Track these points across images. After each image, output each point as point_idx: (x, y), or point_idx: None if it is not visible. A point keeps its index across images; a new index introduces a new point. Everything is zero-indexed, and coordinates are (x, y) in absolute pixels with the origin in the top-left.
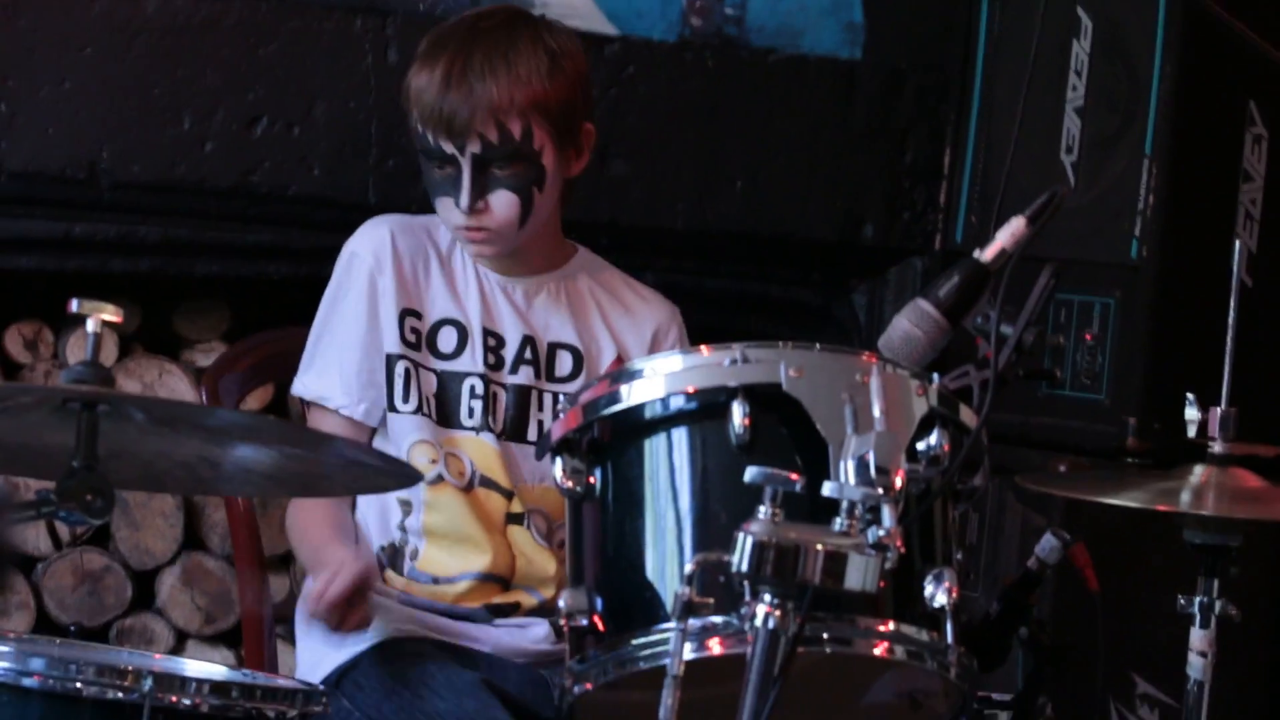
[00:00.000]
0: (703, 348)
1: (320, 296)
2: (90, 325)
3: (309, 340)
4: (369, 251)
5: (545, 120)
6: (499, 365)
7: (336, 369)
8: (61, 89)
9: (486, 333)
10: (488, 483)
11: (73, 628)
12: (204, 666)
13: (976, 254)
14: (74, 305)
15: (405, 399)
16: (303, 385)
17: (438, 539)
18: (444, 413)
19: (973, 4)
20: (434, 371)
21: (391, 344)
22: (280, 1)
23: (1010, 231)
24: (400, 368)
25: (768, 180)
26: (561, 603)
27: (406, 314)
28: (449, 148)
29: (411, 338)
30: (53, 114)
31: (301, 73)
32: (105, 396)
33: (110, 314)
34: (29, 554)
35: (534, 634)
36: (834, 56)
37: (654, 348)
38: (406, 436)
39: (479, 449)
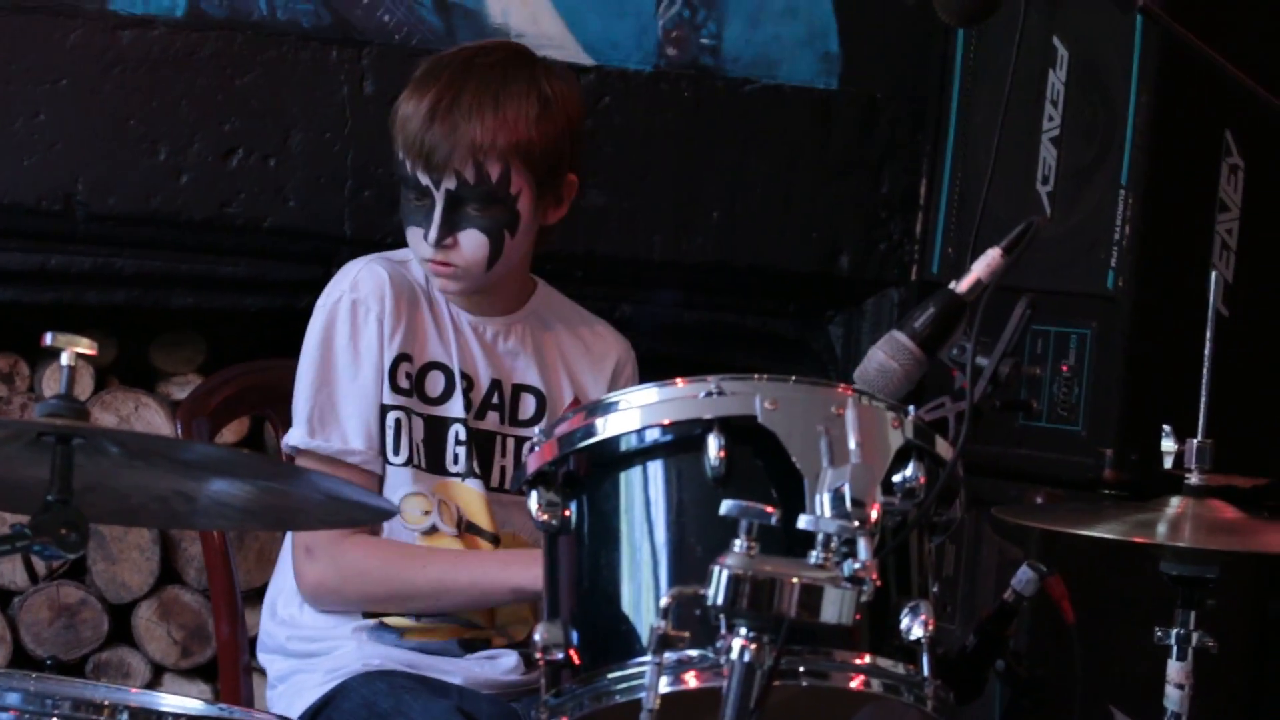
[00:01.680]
0: (678, 380)
1: (297, 329)
2: (65, 358)
3: (307, 390)
4: (375, 299)
5: (526, 166)
6: (469, 408)
7: (359, 424)
8: (36, 121)
9: (463, 376)
10: (474, 529)
11: (49, 661)
12: (180, 701)
13: (952, 285)
14: (48, 338)
15: (396, 450)
16: (318, 440)
17: None
18: (433, 459)
19: (949, 34)
20: (422, 417)
21: (385, 394)
22: (256, 33)
23: (986, 263)
24: (391, 419)
25: (744, 211)
26: (537, 636)
27: (401, 359)
28: (425, 180)
29: (404, 383)
30: (28, 146)
31: (277, 104)
32: (80, 430)
33: (85, 347)
34: (5, 588)
35: (504, 665)
36: (810, 86)
37: (613, 383)
38: (398, 489)
39: (466, 495)
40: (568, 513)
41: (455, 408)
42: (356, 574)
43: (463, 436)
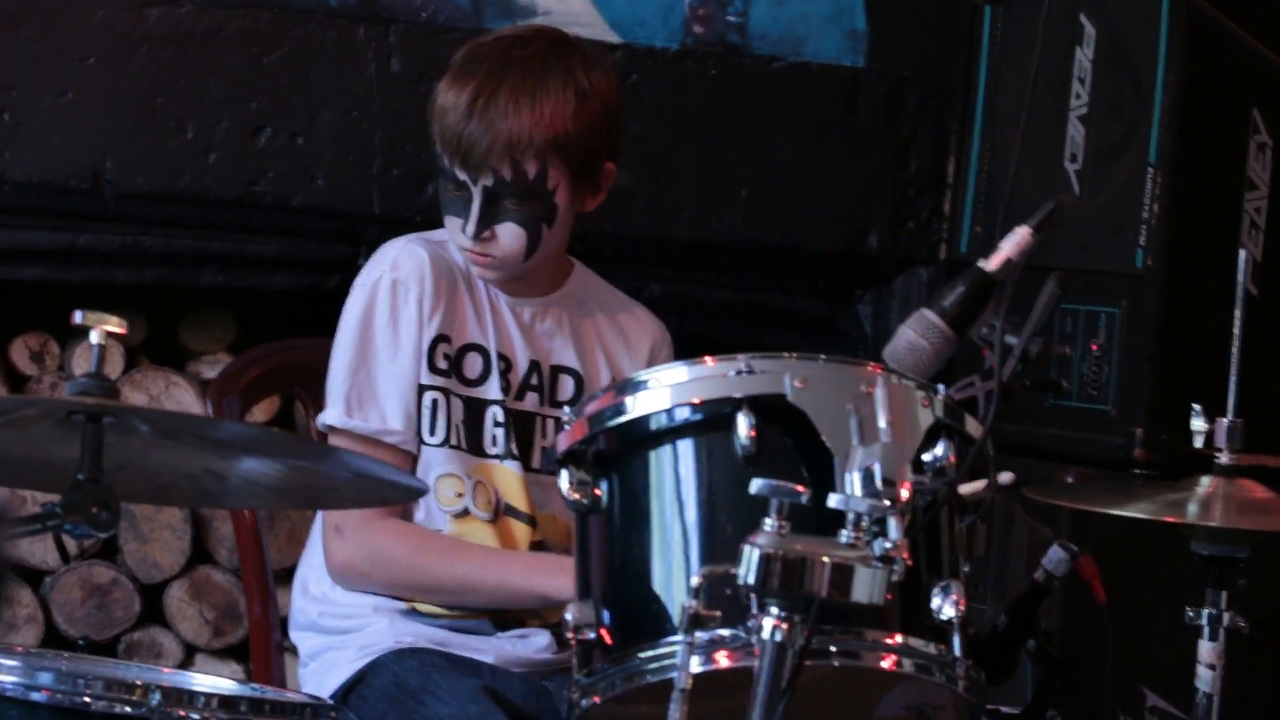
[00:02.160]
0: (707, 359)
1: (326, 307)
2: (94, 337)
3: (344, 369)
4: (415, 279)
5: (563, 161)
6: (507, 390)
7: (398, 404)
8: (65, 99)
9: (500, 357)
10: (513, 511)
11: (81, 641)
12: (212, 680)
13: (981, 264)
14: (78, 317)
15: (432, 431)
16: (356, 420)
17: None
18: (473, 440)
19: (976, 11)
20: (461, 398)
21: (422, 374)
22: (283, 11)
23: (1015, 241)
24: (428, 398)
25: (772, 190)
26: (569, 615)
27: (440, 340)
28: (462, 175)
29: (443, 364)
30: (56, 124)
31: (305, 82)
32: (110, 409)
33: (114, 325)
34: (36, 568)
35: (536, 643)
36: (837, 64)
37: (650, 365)
38: (433, 469)
39: (504, 477)
40: (598, 492)
41: (493, 389)
42: (385, 560)
43: (500, 418)
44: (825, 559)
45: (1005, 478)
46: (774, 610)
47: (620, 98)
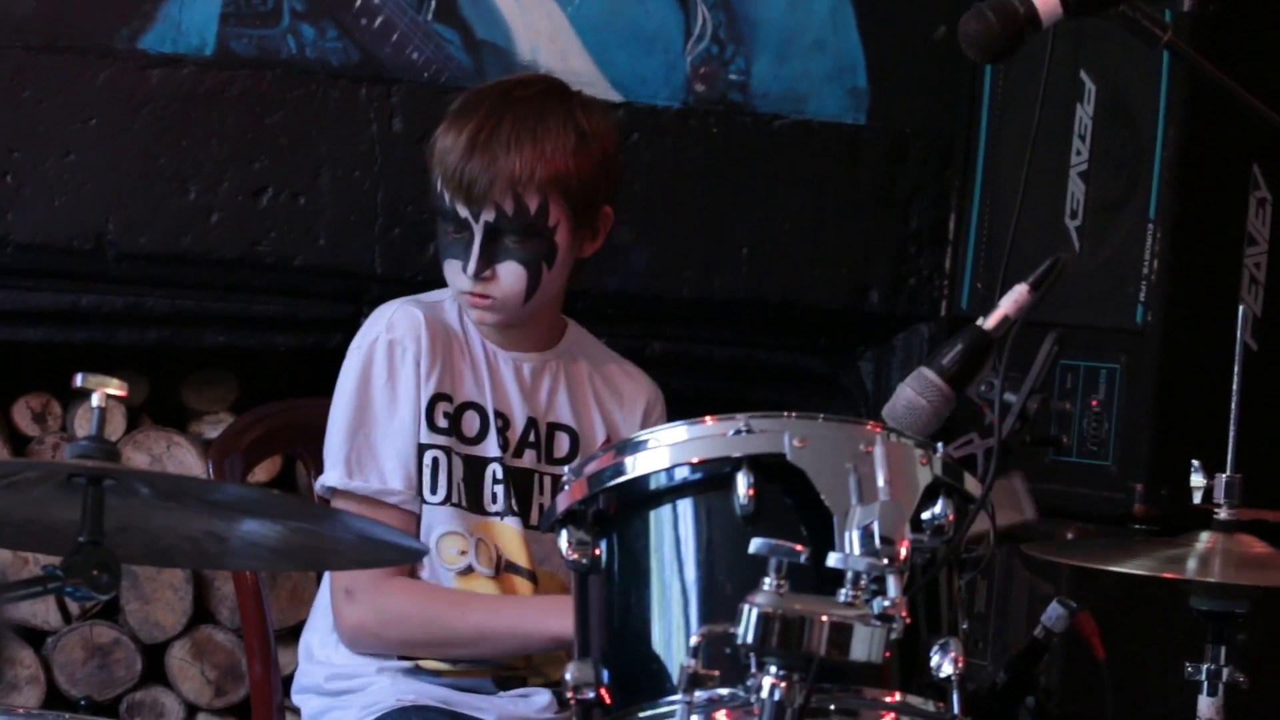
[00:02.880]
0: (707, 418)
1: (328, 367)
2: (95, 399)
3: (343, 431)
4: (411, 338)
5: (563, 198)
6: (505, 447)
7: (398, 464)
8: (67, 160)
9: (498, 414)
10: (514, 568)
11: (83, 701)
12: None
13: (979, 322)
14: (79, 379)
15: (434, 489)
16: (357, 481)
17: None
18: (473, 498)
19: (977, 69)
20: (461, 456)
21: (422, 432)
22: (285, 71)
23: (1013, 298)
24: (429, 457)
25: (773, 247)
26: (568, 675)
27: (439, 398)
28: (464, 212)
29: (443, 423)
30: (58, 185)
31: (307, 142)
32: (111, 472)
33: (115, 388)
34: (38, 628)
35: (537, 703)
36: (839, 122)
37: (644, 425)
38: (435, 528)
39: (505, 534)
40: (598, 551)
41: (491, 447)
42: (397, 618)
43: (500, 475)
44: (824, 618)
45: (1029, 514)
46: (773, 669)
47: (618, 144)
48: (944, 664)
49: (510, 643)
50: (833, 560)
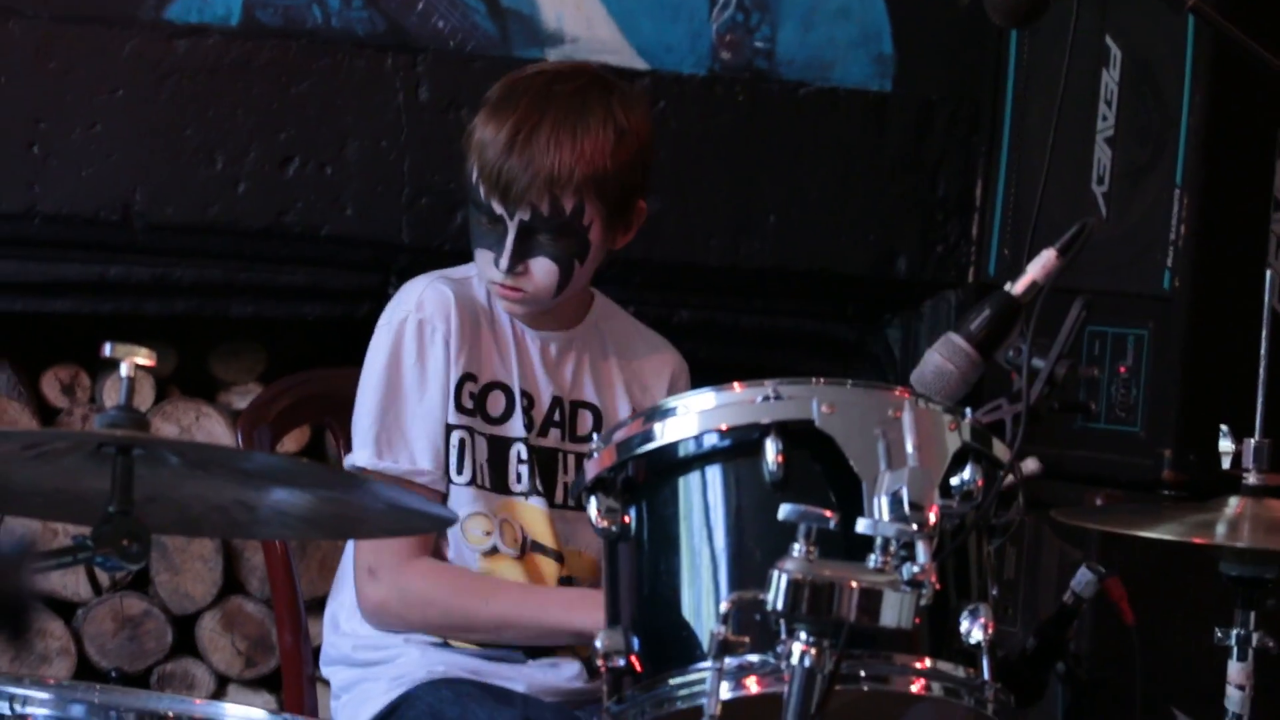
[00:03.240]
0: (735, 385)
1: (356, 337)
2: (124, 369)
3: (373, 410)
4: (440, 318)
5: (599, 198)
6: (530, 427)
7: (427, 444)
8: (94, 132)
9: (523, 394)
10: (539, 548)
11: (114, 673)
12: (244, 711)
13: (1008, 287)
14: (107, 349)
15: (459, 470)
16: (386, 461)
17: None
18: (497, 478)
19: (1002, 34)
20: (485, 436)
21: (449, 414)
22: (311, 41)
23: (1041, 264)
24: (455, 438)
25: (800, 215)
26: (598, 643)
27: (466, 379)
28: (499, 209)
29: (469, 403)
30: (86, 157)
31: (333, 112)
32: (140, 441)
33: (144, 357)
34: (69, 599)
35: (566, 672)
36: (865, 89)
37: (670, 395)
38: (461, 509)
39: (530, 514)
40: (627, 519)
41: (516, 427)
42: (420, 601)
43: (524, 455)
44: (854, 584)
45: (1031, 466)
46: (803, 635)
47: (653, 135)
48: (974, 630)
49: (532, 634)
50: (862, 526)
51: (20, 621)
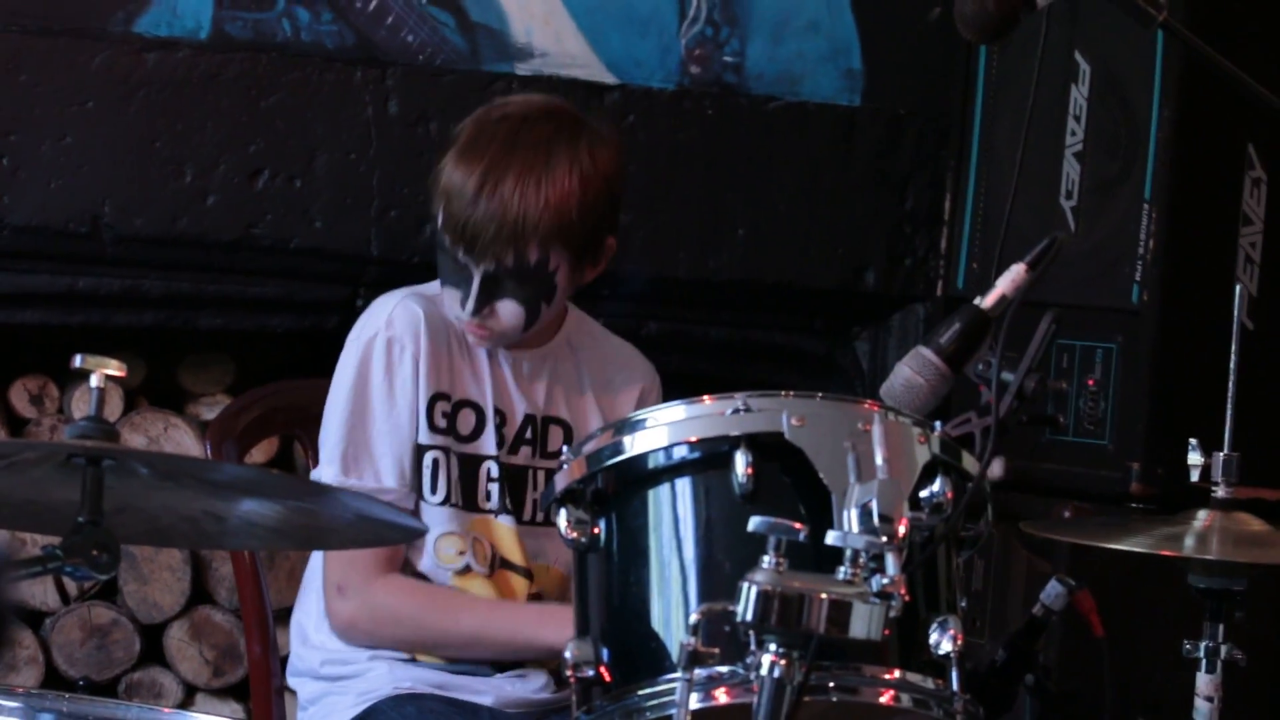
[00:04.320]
0: (705, 397)
1: (324, 349)
2: (94, 380)
3: (340, 427)
4: (410, 337)
5: (565, 246)
6: (501, 444)
7: (393, 463)
8: (63, 143)
9: (496, 411)
10: (509, 565)
11: (81, 682)
12: None
13: (977, 301)
14: (77, 360)
15: (434, 490)
16: (352, 479)
17: None
18: (468, 496)
19: (971, 49)
20: (457, 455)
21: (421, 434)
22: (280, 54)
23: (1011, 278)
24: (429, 458)
25: (769, 228)
26: (567, 653)
27: (437, 398)
28: (463, 259)
29: (442, 423)
30: (55, 168)
31: (302, 125)
32: (110, 452)
33: (114, 369)
34: (37, 609)
35: (533, 683)
36: (834, 103)
37: (641, 407)
38: (435, 529)
39: (499, 531)
40: (597, 530)
41: (486, 444)
42: (389, 618)
43: (495, 473)
44: (823, 595)
45: (997, 470)
46: (772, 647)
47: (623, 168)
48: (943, 641)
49: (503, 649)
50: (831, 538)
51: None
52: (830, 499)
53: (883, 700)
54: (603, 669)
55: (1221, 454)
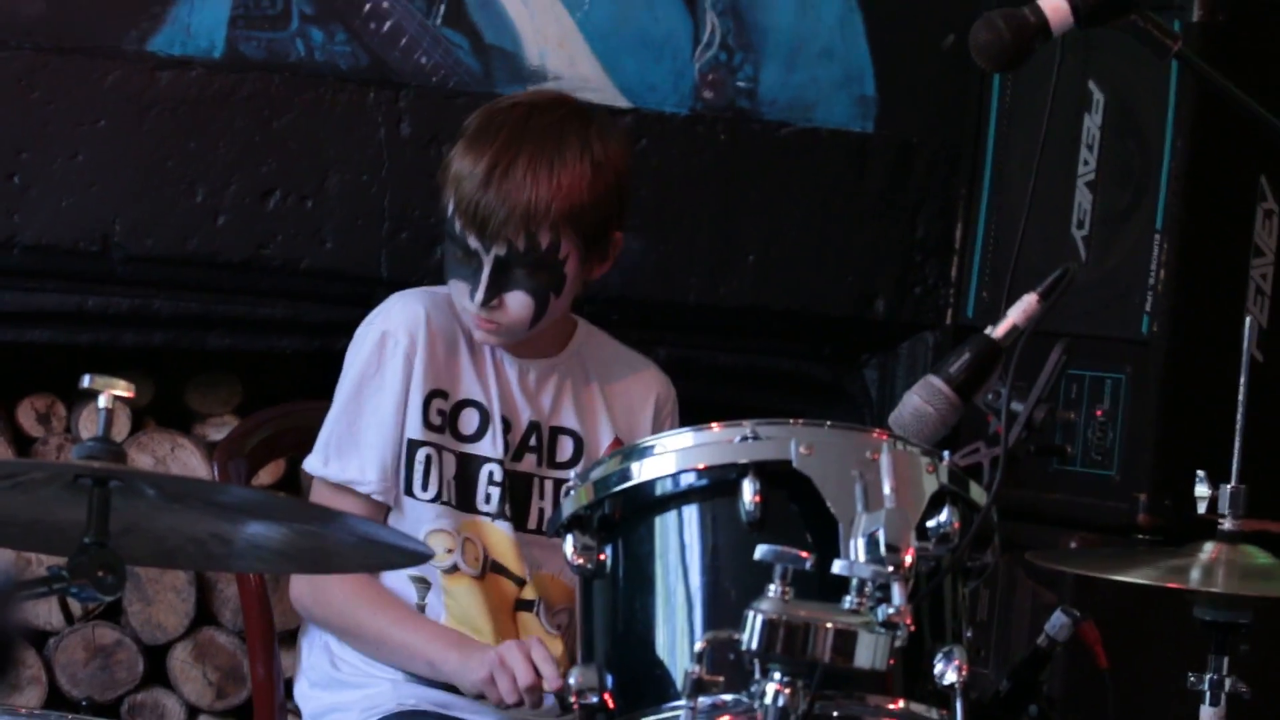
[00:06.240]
0: (713, 425)
1: (333, 371)
2: (102, 400)
3: (331, 418)
4: (404, 332)
5: (575, 232)
6: (506, 450)
7: (375, 455)
8: (75, 162)
9: (502, 418)
10: (499, 569)
11: (84, 703)
12: None
13: (988, 330)
14: (86, 380)
15: (424, 486)
16: (333, 468)
17: (453, 623)
18: (464, 496)
19: (985, 77)
20: (454, 454)
21: (415, 429)
22: (293, 74)
23: (1022, 308)
24: (421, 454)
25: (780, 254)
26: (572, 680)
27: (434, 395)
28: (475, 244)
29: (437, 420)
30: (66, 187)
31: (315, 146)
32: (117, 473)
33: (122, 389)
34: (41, 629)
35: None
36: (846, 130)
37: (655, 422)
38: (423, 524)
39: (494, 535)
40: (603, 556)
41: (489, 447)
42: (324, 600)
43: (498, 477)
44: (828, 625)
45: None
46: (777, 676)
47: (631, 165)
48: (947, 672)
49: (400, 656)
50: (838, 567)
51: (6, 658)
52: (837, 528)
53: None
54: (607, 696)
55: (1229, 486)
